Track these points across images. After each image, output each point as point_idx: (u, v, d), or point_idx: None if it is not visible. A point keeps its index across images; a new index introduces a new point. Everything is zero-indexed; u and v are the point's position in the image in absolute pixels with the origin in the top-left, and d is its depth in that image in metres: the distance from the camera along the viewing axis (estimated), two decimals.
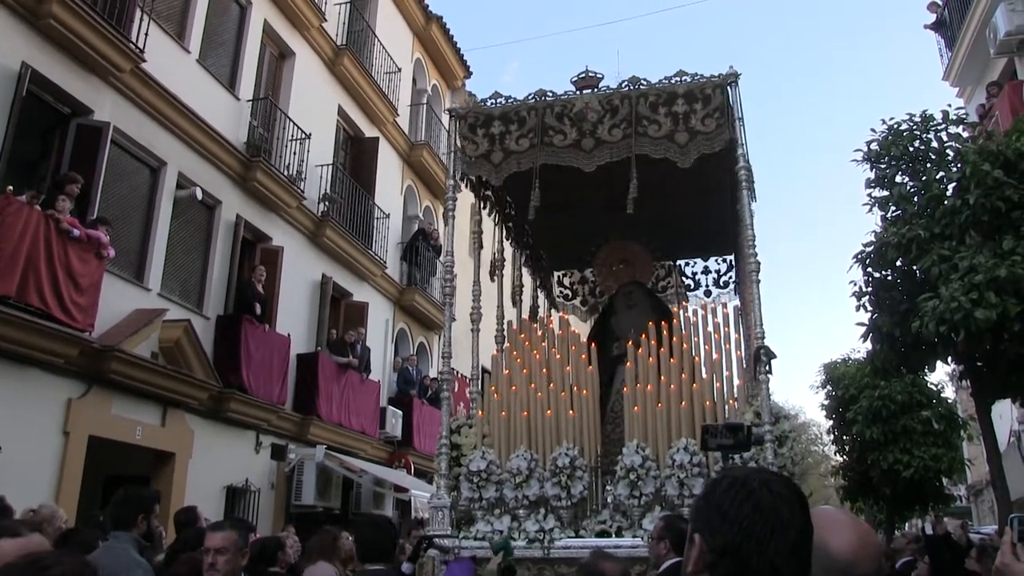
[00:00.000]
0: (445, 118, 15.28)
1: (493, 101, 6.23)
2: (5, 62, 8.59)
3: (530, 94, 6.13)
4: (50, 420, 8.80)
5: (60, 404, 8.93)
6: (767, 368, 5.52)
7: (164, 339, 10.30)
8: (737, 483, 1.40)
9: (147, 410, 10.16)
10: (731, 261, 8.29)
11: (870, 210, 9.54)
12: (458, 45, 20.23)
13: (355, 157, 16.10)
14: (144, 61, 10.03)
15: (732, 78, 5.83)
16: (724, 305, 6.89)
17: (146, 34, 10.05)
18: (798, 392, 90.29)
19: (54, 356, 8.64)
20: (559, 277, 9.35)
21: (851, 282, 9.55)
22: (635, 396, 6.18)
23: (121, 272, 10.10)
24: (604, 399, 6.98)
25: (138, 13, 9.98)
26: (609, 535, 5.76)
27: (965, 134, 9.72)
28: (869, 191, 9.65)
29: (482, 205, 7.75)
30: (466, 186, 7.42)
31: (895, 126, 9.66)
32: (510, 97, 6.18)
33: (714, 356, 6.38)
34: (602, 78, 5.92)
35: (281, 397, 12.47)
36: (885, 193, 9.52)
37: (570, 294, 9.11)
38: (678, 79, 5.87)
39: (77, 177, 9.06)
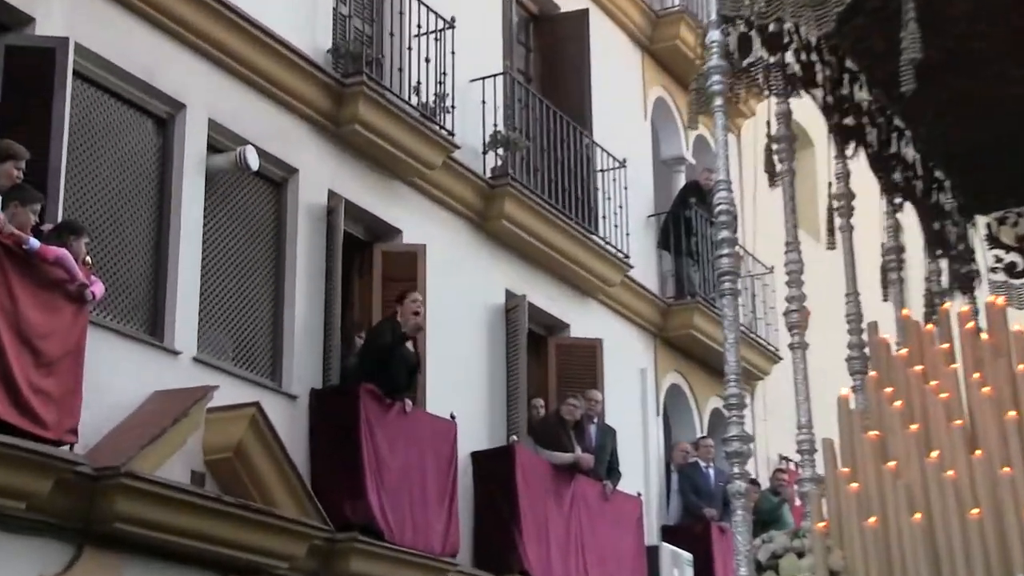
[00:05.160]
0: None
1: None
2: None
3: None
4: None
5: None
6: None
7: (213, 446, 10.42)
8: None
9: None
10: None
11: None
12: None
13: (545, 56, 16.53)
14: None
15: None
16: None
17: None
18: None
19: (8, 499, 8.79)
20: (989, 227, 8.96)
21: None
22: None
23: (119, 324, 10.36)
24: None
25: None
26: None
27: None
28: None
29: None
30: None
31: None
32: None
33: None
34: None
35: (448, 541, 12.53)
36: None
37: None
38: None
39: (21, 151, 9.24)
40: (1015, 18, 6.98)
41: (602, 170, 15.95)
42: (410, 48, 13.35)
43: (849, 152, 8.19)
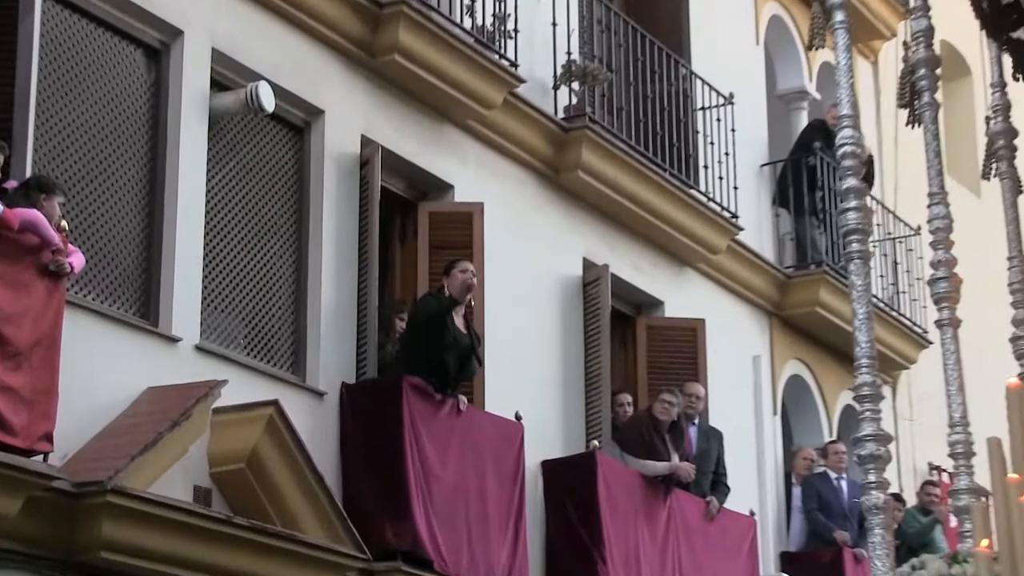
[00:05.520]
0: None
1: None
2: None
3: None
4: None
5: None
6: None
7: (221, 455, 10.48)
8: None
9: None
10: None
11: None
12: None
13: None
14: None
15: None
16: None
17: None
18: None
19: None
20: None
21: None
22: None
23: (104, 305, 10.39)
24: None
25: None
26: None
27: None
28: None
29: None
30: None
31: None
32: None
33: None
34: None
35: (514, 570, 12.64)
36: None
37: None
38: None
39: None
40: None
41: (703, 108, 15.97)
42: None
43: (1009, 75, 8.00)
